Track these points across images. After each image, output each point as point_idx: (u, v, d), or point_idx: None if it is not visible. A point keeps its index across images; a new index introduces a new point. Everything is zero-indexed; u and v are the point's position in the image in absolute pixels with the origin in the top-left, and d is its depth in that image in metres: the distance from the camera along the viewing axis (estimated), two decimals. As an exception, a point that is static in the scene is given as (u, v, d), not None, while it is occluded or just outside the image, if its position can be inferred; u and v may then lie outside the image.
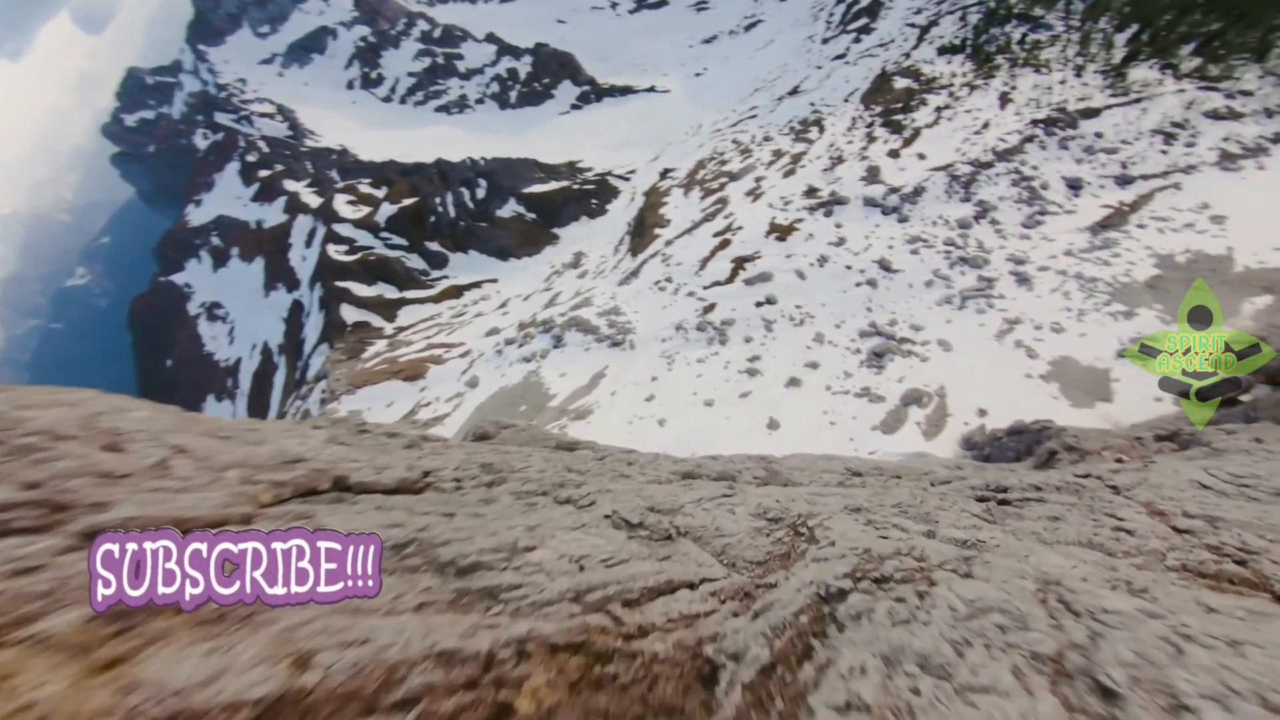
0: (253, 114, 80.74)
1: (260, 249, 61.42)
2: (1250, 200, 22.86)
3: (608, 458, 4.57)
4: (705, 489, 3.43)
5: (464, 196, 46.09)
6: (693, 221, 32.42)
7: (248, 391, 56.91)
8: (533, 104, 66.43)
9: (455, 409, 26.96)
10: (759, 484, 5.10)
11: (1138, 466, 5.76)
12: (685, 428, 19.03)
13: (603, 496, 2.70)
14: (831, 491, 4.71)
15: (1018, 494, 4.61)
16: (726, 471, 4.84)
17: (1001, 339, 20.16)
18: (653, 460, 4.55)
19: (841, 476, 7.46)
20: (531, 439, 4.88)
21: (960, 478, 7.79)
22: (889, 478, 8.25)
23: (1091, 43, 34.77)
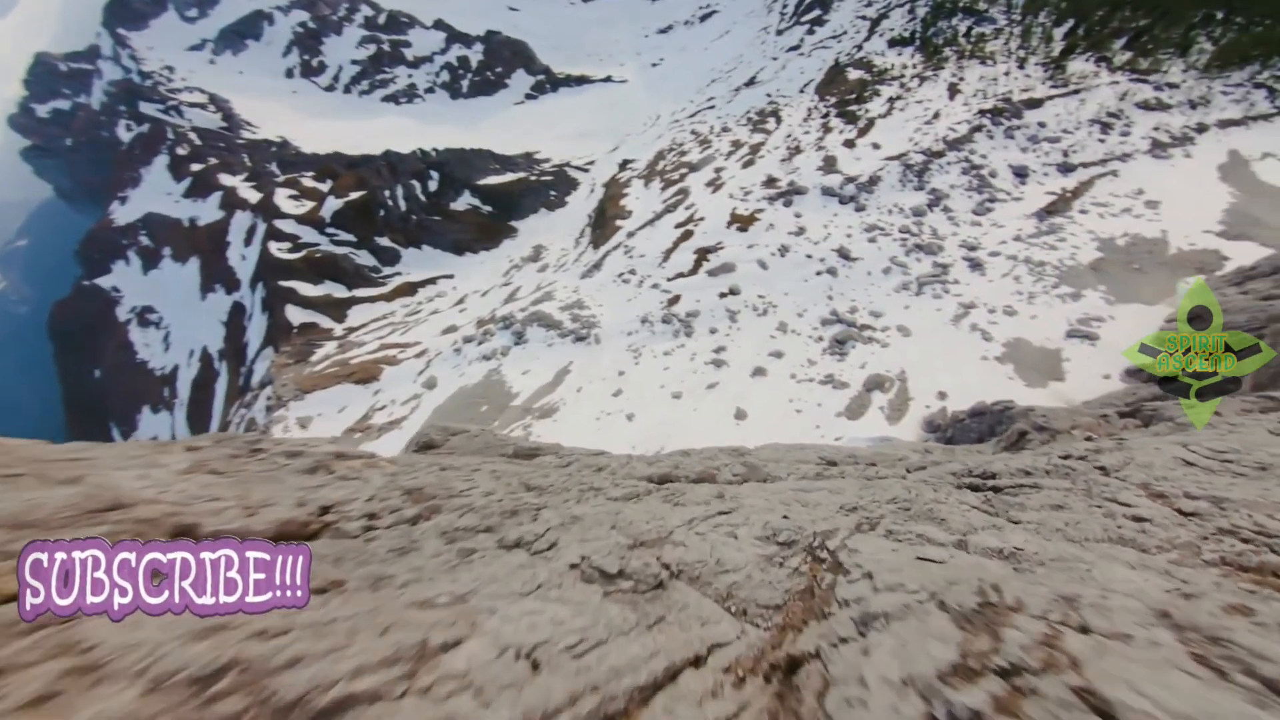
0: (182, 104, 75.21)
1: (195, 248, 57.39)
2: (1179, 186, 24.15)
3: (574, 463, 4.04)
4: (694, 504, 2.88)
5: (415, 189, 44.14)
6: (654, 213, 31.97)
7: (187, 401, 53.29)
8: (486, 94, 64.36)
9: (412, 411, 25.74)
10: (739, 481, 4.69)
11: (1114, 445, 5.63)
12: (654, 421, 18.64)
13: (567, 534, 2.10)
14: (816, 486, 4.34)
15: (1008, 480, 4.35)
16: (706, 471, 4.38)
17: (957, 323, 20.58)
18: (625, 464, 4.05)
19: (818, 467, 7.17)
20: (485, 446, 4.28)
21: (934, 462, 7.62)
22: (865, 465, 8.04)
23: (1032, 36, 36.11)
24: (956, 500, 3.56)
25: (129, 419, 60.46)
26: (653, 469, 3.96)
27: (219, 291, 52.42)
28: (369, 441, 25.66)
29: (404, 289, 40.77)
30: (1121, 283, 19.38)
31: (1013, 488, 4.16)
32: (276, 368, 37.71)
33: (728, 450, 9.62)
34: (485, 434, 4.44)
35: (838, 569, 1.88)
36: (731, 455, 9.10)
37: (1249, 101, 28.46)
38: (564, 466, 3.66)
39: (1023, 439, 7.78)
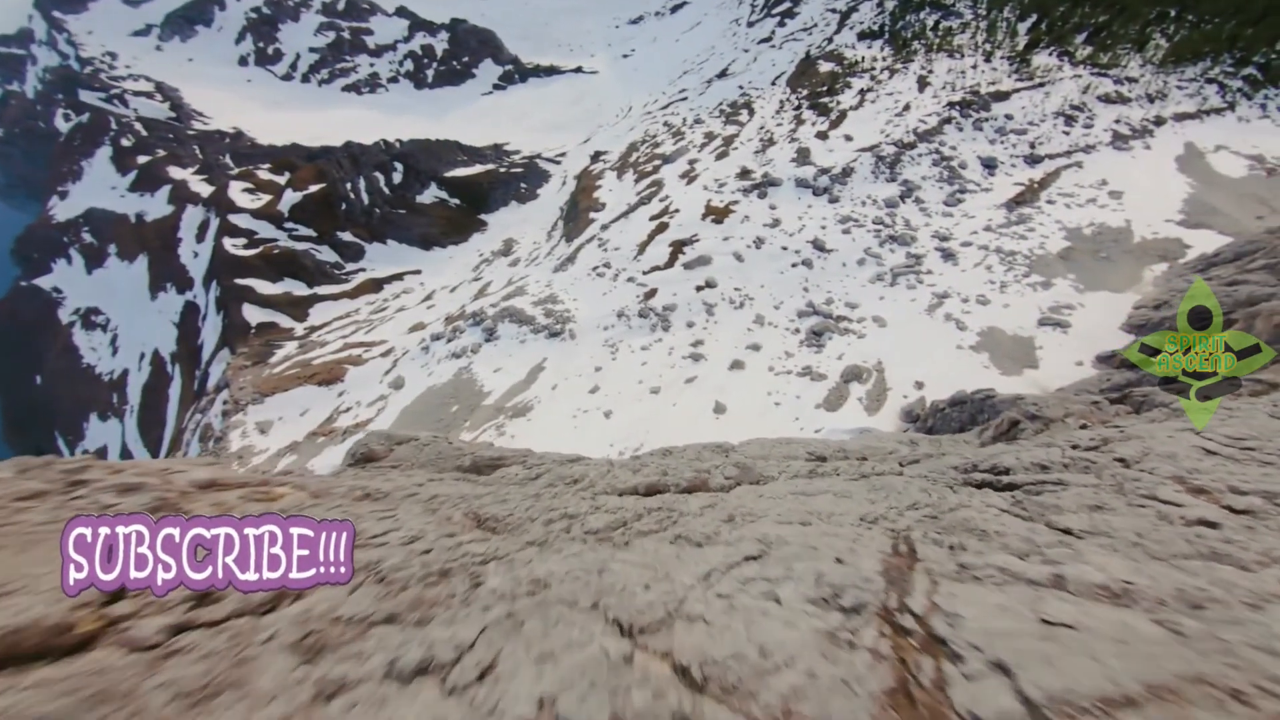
0: (126, 93, 70.90)
1: (143, 245, 54.19)
2: (1141, 177, 24.77)
3: (544, 475, 3.41)
4: (703, 536, 2.20)
5: (378, 181, 42.41)
6: (628, 205, 31.34)
7: (138, 408, 50.41)
8: (452, 84, 62.44)
9: (379, 413, 24.63)
10: (732, 484, 4.20)
11: (1119, 434, 5.32)
12: (632, 418, 18.13)
13: (517, 639, 1.31)
14: (816, 489, 3.88)
15: (1026, 476, 3.95)
16: (697, 478, 3.85)
17: (932, 313, 20.62)
18: (605, 474, 3.47)
19: (808, 463, 6.74)
20: (437, 456, 3.60)
21: (926, 455, 7.28)
22: (855, 460, 7.66)
23: (997, 30, 36.68)
24: (981, 503, 3.13)
25: (75, 428, 57.01)
26: (638, 478, 3.42)
27: (170, 291, 49.61)
28: (332, 445, 24.48)
29: (368, 286, 39.15)
30: (1090, 271, 19.67)
31: (1033, 485, 3.77)
32: (233, 370, 35.82)
33: (712, 447, 9.15)
34: (437, 442, 3.78)
35: (937, 648, 1.31)
36: (717, 452, 8.63)
37: (1202, 96, 29.41)
38: (531, 480, 3.09)
39: (1014, 428, 7.51)
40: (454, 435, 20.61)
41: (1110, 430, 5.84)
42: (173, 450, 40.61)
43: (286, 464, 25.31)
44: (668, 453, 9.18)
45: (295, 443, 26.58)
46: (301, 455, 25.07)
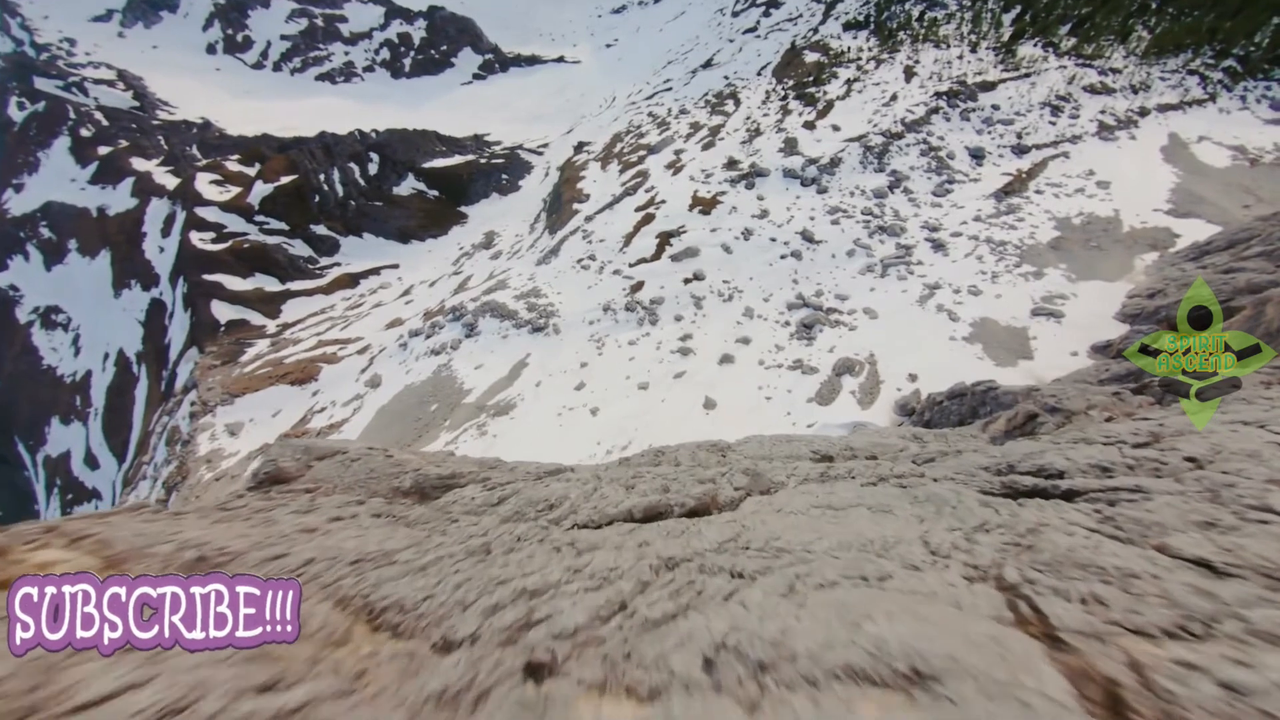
0: (86, 80, 67.73)
1: (105, 240, 51.83)
2: (1127, 167, 24.73)
3: (507, 500, 2.62)
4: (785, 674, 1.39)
5: (353, 173, 40.90)
6: (613, 196, 30.56)
7: (102, 410, 48.31)
8: (430, 73, 60.68)
9: (354, 413, 23.62)
10: (741, 495, 3.56)
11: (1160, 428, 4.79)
12: (620, 415, 17.48)
13: None
14: (845, 502, 3.25)
15: (1085, 481, 3.38)
16: (706, 494, 3.19)
17: (924, 304, 20.28)
18: (590, 493, 2.76)
19: (815, 464, 6.14)
20: (369, 476, 2.74)
21: (941, 453, 6.73)
22: (864, 459, 7.09)
23: (982, 21, 36.53)
24: (1060, 519, 2.52)
25: (36, 432, 54.50)
26: (633, 499, 2.74)
27: (135, 288, 47.51)
28: (306, 447, 23.42)
29: (344, 281, 37.77)
30: (1081, 261, 19.48)
31: (1103, 493, 3.18)
32: (201, 370, 34.35)
33: (707, 446, 8.52)
34: (370, 456, 2.95)
35: None
36: (713, 452, 8.00)
37: (1184, 87, 29.54)
38: (491, 508, 2.38)
39: (1032, 422, 7.01)
40: (433, 432, 19.74)
41: (1146, 423, 5.31)
42: (139, 454, 38.89)
43: (257, 467, 24.18)
44: (660, 453, 8.52)
45: (267, 445, 25.43)
46: (273, 458, 23.96)
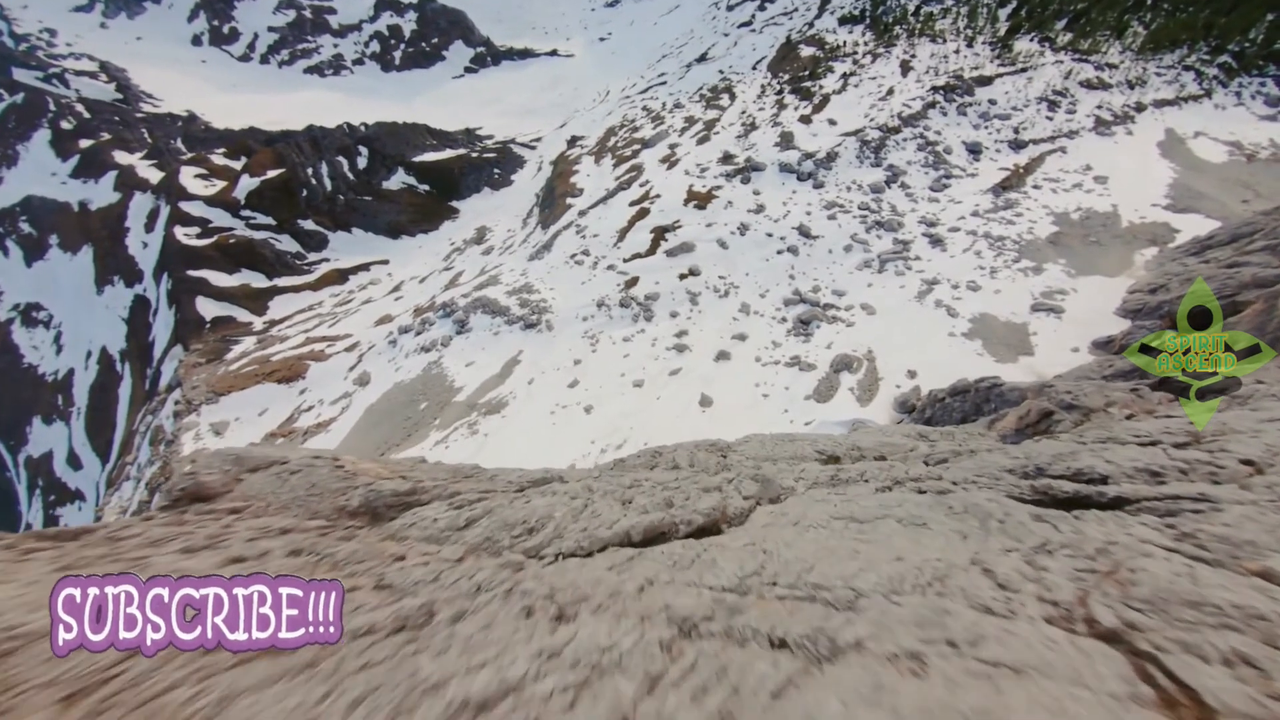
0: (67, 72, 66.20)
1: (87, 236, 50.68)
2: (1125, 162, 24.57)
3: (476, 524, 2.05)
4: None
5: (342, 166, 40.10)
6: (607, 190, 30.09)
7: (85, 410, 47.30)
8: (421, 66, 59.72)
9: (343, 412, 23.07)
10: (751, 504, 3.18)
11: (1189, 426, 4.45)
12: (615, 413, 17.09)
13: None
14: (869, 513, 2.87)
15: (1136, 488, 3.02)
16: (715, 509, 2.79)
17: (922, 300, 20.03)
18: (580, 511, 2.30)
19: (823, 467, 5.78)
20: (310, 491, 2.19)
21: (954, 453, 6.39)
22: (872, 459, 6.75)
23: (978, 16, 36.31)
24: (1131, 537, 2.16)
25: (17, 432, 53.33)
26: (631, 517, 2.32)
27: (118, 284, 46.48)
28: (293, 447, 22.88)
29: (332, 276, 37.04)
30: (1080, 256, 19.27)
31: (1160, 501, 2.83)
32: (186, 368, 33.60)
33: (706, 446, 8.14)
34: (314, 468, 2.45)
35: None
36: (712, 452, 7.63)
37: (1180, 83, 29.46)
38: (456, 532, 1.94)
39: (1047, 420, 6.68)
40: (422, 431, 19.26)
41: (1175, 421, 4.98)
42: (123, 454, 38.07)
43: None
44: (657, 454, 8.12)
45: (252, 444, 24.82)
46: (258, 458, 23.39)
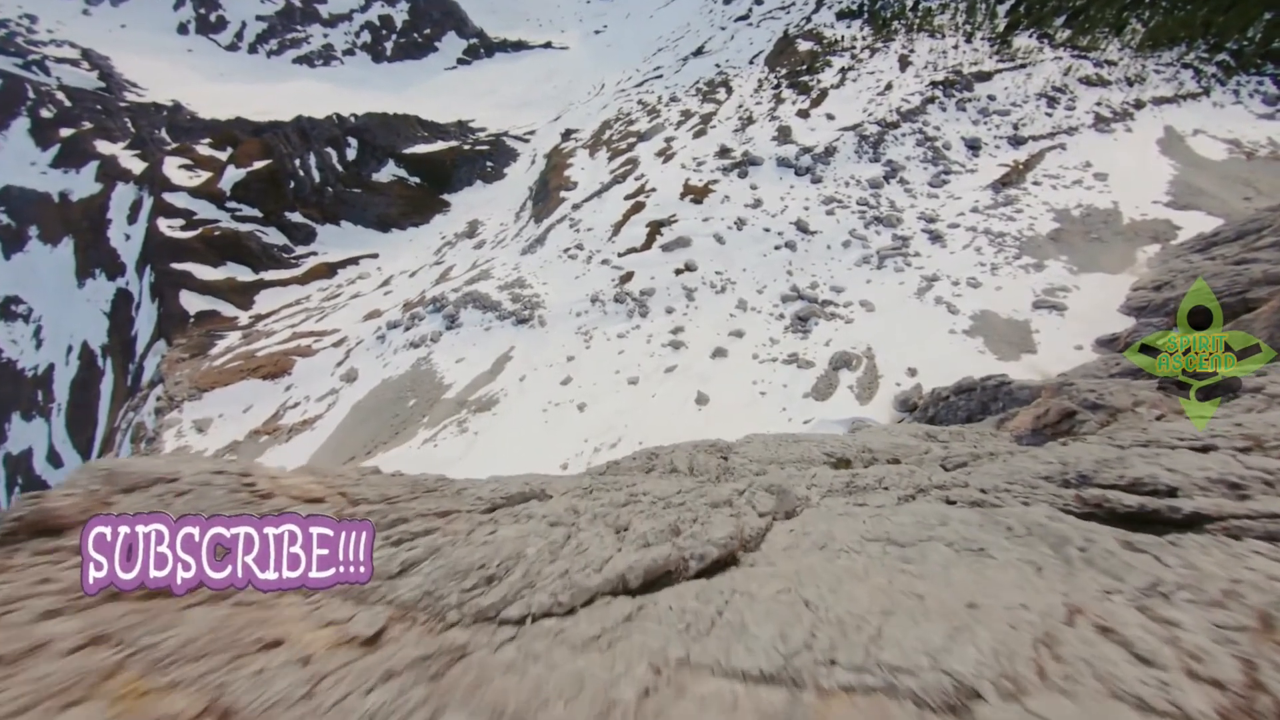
0: (47, 59, 64.56)
1: (68, 227, 49.42)
2: (1123, 159, 24.36)
3: (420, 565, 1.40)
4: None
5: (331, 158, 39.21)
6: (602, 183, 29.54)
7: (66, 405, 46.17)
8: (413, 57, 58.68)
9: (329, 409, 22.47)
10: (767, 520, 2.73)
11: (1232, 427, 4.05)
12: (609, 410, 16.63)
13: None
14: (909, 534, 2.43)
15: (1217, 503, 2.61)
16: (731, 537, 2.32)
17: (922, 296, 19.71)
18: (559, 547, 1.77)
19: (835, 472, 5.35)
20: (199, 505, 1.64)
21: (973, 455, 5.98)
22: (886, 462, 6.33)
23: (977, 12, 36.01)
24: (1258, 574, 1.74)
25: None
26: (626, 556, 1.80)
27: (99, 277, 45.36)
28: (277, 445, 22.27)
29: (320, 270, 36.22)
30: (1082, 252, 19.00)
31: (1253, 520, 2.42)
32: (169, 363, 32.77)
33: (705, 447, 7.70)
34: (209, 487, 1.80)
35: None
36: (712, 453, 7.18)
37: (1178, 81, 29.32)
38: (388, 582, 1.44)
39: (1069, 420, 6.29)
40: (410, 429, 18.74)
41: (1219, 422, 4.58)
42: (104, 451, 37.16)
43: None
44: (654, 456, 7.64)
45: (236, 442, 24.18)
46: (242, 456, 22.73)
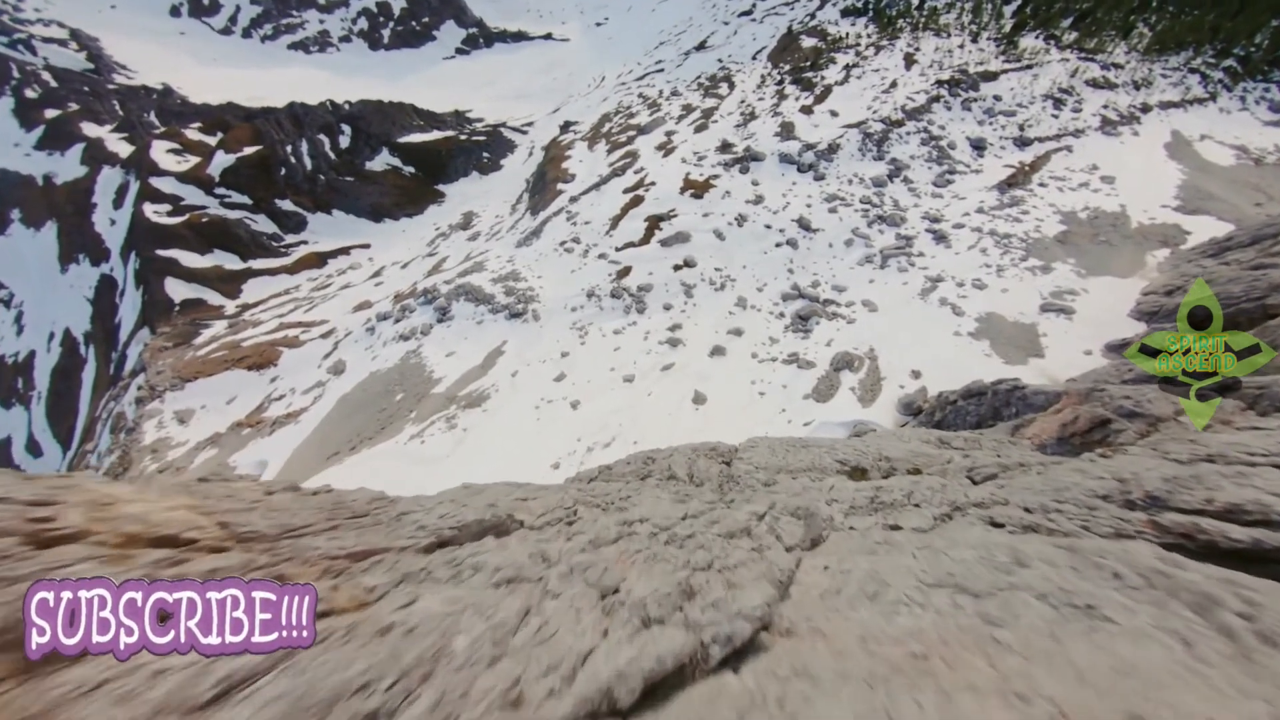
0: (33, 38, 63.07)
1: (52, 211, 48.25)
2: (1132, 162, 23.98)
3: (235, 706, 1.14)
4: None
5: (323, 145, 38.34)
6: (600, 176, 28.91)
7: (46, 394, 45.12)
8: (410, 46, 57.71)
9: (315, 401, 21.78)
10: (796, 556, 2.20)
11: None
12: (604, 409, 16.07)
13: None
14: (979, 577, 1.89)
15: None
16: (767, 604, 1.75)
17: (926, 297, 19.24)
18: (505, 637, 1.17)
19: (860, 486, 4.81)
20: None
21: (1003, 467, 5.47)
22: (905, 472, 5.80)
23: (983, 11, 35.60)
24: None
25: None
26: (614, 657, 1.20)
27: (83, 263, 44.29)
28: (260, 438, 21.57)
29: (310, 260, 35.39)
30: (1090, 256, 18.59)
31: None
32: (151, 352, 31.92)
33: (706, 451, 7.17)
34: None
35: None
36: (713, 458, 6.65)
37: (1185, 85, 29.00)
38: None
39: (1103, 429, 5.78)
40: (397, 424, 18.08)
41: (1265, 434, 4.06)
42: (84, 441, 36.25)
43: (206, 458, 22.20)
44: (650, 460, 7.10)
45: (218, 434, 23.45)
46: (223, 449, 22.02)
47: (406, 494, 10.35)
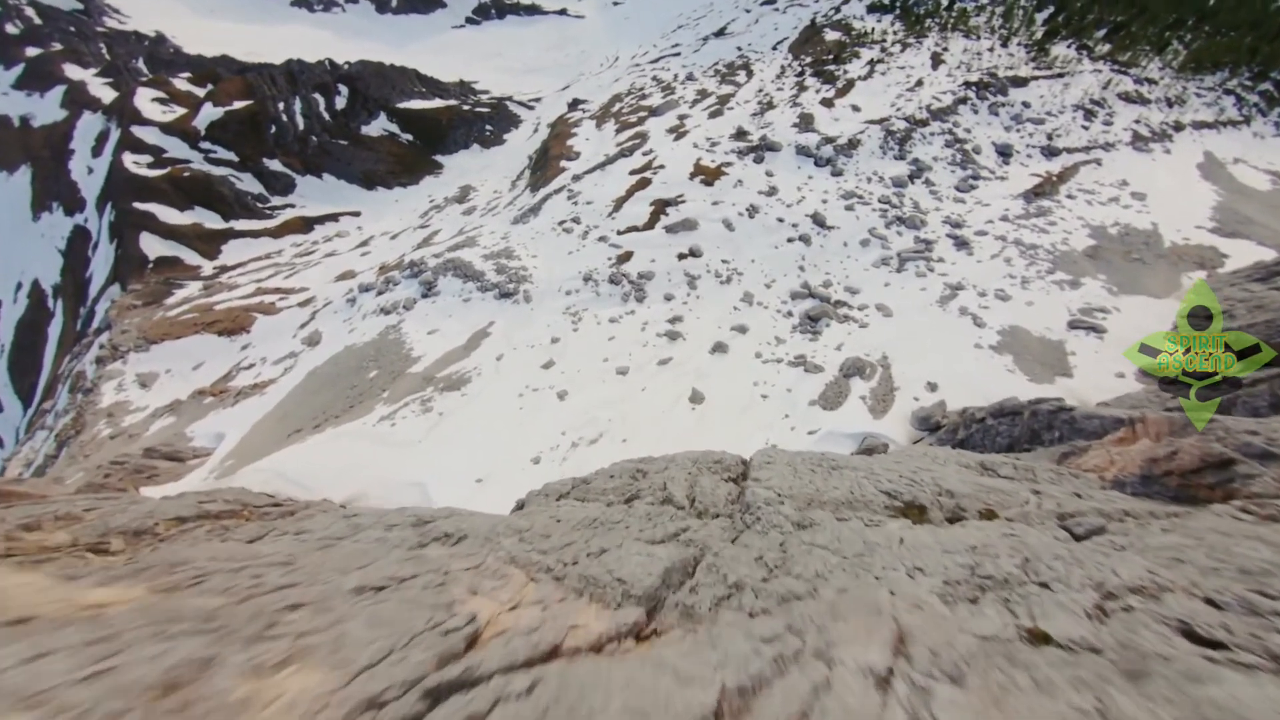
0: (23, -26, 60.14)
1: (27, 154, 45.91)
2: (1162, 180, 22.92)
3: None
4: None
5: (318, 105, 36.45)
6: (607, 156, 27.45)
7: (9, 347, 43.04)
8: (419, 11, 55.58)
9: (285, 373, 20.30)
10: None
11: None
12: (593, 402, 14.80)
13: None
14: None
15: None
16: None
17: (945, 305, 18.07)
18: None
19: (929, 534, 3.54)
20: None
21: (1102, 515, 4.19)
22: (977, 515, 4.50)
23: (1014, 17, 34.35)
24: None
25: (-65, 363, 48.61)
26: None
27: (56, 211, 42.14)
28: (222, 408, 20.04)
29: (296, 224, 33.63)
30: (1123, 273, 17.47)
31: None
32: (119, 309, 30.17)
33: (710, 464, 5.82)
34: None
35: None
36: (719, 474, 5.31)
37: (1219, 107, 27.99)
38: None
39: (1218, 471, 4.52)
40: (368, 403, 16.68)
41: None
42: (45, 398, 34.43)
43: (162, 426, 20.66)
44: (640, 473, 5.77)
45: (178, 401, 21.91)
46: (181, 418, 20.49)
47: (374, 476, 8.63)
